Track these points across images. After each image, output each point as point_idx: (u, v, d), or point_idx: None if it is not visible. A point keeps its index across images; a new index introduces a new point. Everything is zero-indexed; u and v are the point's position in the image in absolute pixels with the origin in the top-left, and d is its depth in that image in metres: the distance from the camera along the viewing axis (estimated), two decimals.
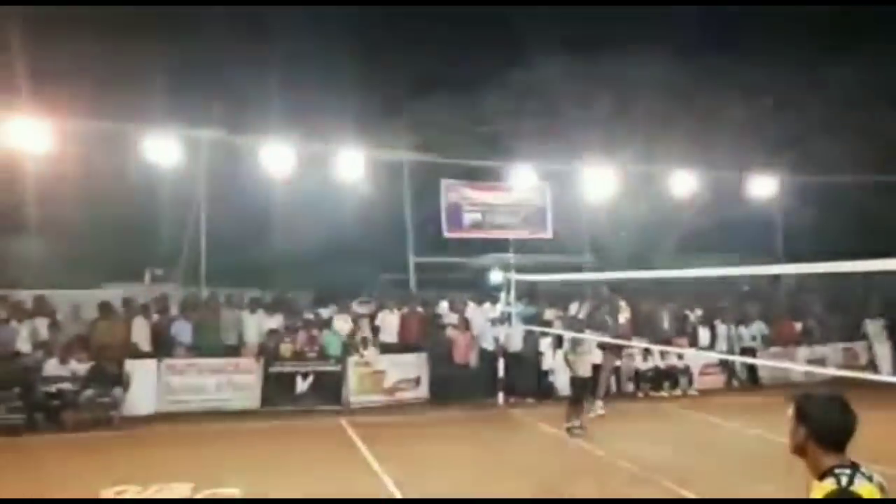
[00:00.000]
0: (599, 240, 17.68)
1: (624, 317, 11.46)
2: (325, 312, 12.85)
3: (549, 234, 15.50)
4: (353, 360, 11.77)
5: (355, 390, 11.68)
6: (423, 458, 8.16)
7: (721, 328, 13.75)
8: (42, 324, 10.76)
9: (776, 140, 17.16)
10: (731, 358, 13.03)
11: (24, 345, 10.36)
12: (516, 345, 12.26)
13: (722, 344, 13.56)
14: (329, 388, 11.46)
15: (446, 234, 14.97)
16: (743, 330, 13.85)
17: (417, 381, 12.12)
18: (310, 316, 12.61)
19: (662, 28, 17.21)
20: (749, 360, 12.76)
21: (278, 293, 13.68)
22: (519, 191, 15.28)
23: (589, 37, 17.62)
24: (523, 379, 12.20)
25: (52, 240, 15.29)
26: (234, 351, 11.65)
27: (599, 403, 10.57)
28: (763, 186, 16.15)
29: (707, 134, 16.39)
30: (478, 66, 18.51)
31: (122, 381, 10.20)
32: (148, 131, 12.47)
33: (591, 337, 9.66)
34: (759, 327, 13.91)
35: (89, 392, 9.92)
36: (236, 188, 14.40)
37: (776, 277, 15.99)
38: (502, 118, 17.48)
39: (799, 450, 2.29)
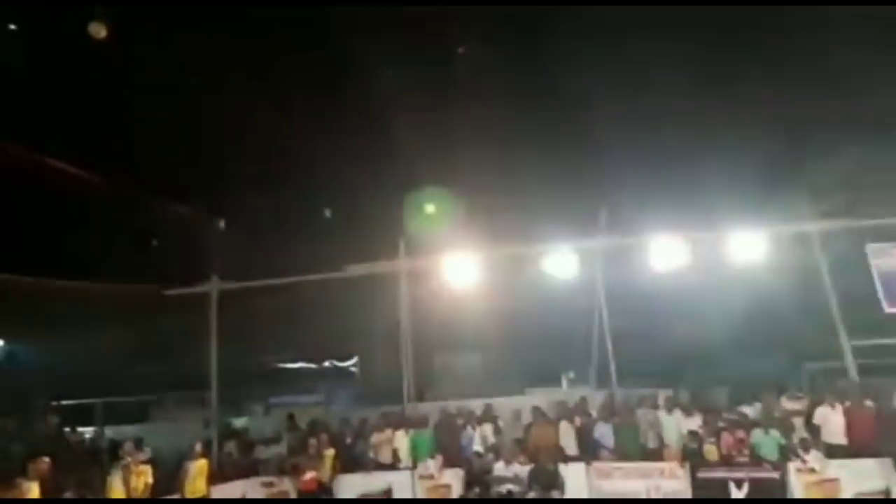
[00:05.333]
0: None
1: None
2: (748, 411, 11.79)
3: None
4: (793, 465, 10.35)
5: None
6: None
7: None
8: (488, 429, 12.48)
9: None
10: None
11: (477, 448, 12.11)
12: None
13: None
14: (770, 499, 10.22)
15: (888, 310, 12.43)
16: None
17: (887, 494, 9.90)
18: (732, 415, 11.71)
19: None
20: None
21: (693, 391, 13.15)
22: None
23: None
24: None
25: (485, 354, 17.96)
26: (656, 454, 11.48)
27: None
28: None
29: None
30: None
31: (558, 483, 10.95)
32: (548, 249, 14.04)
33: None
34: None
35: (533, 493, 10.91)
36: (634, 287, 14.75)
37: None
38: None
39: None
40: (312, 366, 21.85)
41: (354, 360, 21.48)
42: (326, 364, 21.83)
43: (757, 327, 15.26)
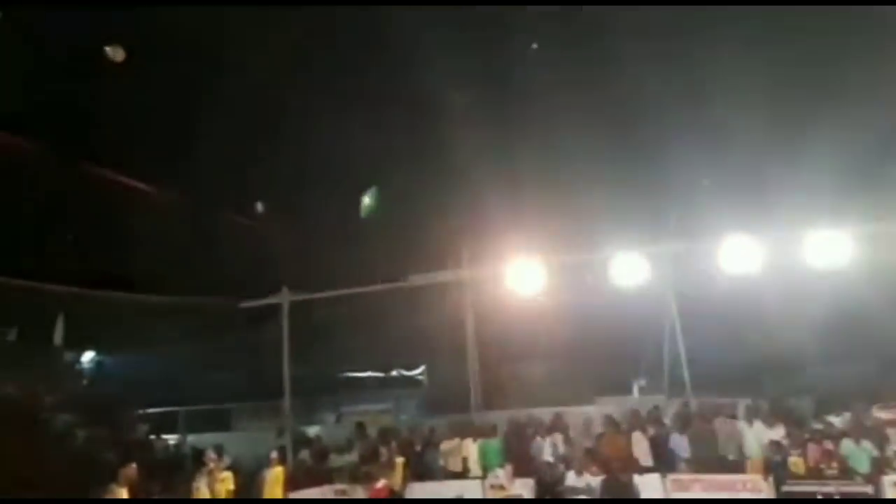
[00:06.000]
0: None
1: None
2: (836, 421, 11.16)
3: None
4: (889, 479, 9.70)
5: None
6: None
7: None
8: (558, 438, 12.31)
9: None
10: None
11: (548, 458, 11.96)
12: None
13: None
14: None
15: None
16: None
17: None
18: (818, 425, 11.12)
19: None
20: None
21: (774, 400, 12.56)
22: None
23: None
24: None
25: (552, 362, 17.75)
26: (737, 466, 11.02)
27: None
28: None
29: None
30: None
31: (632, 494, 10.66)
32: (616, 255, 13.75)
33: None
34: None
35: None
36: (707, 291, 14.25)
37: None
38: None
39: None
40: (380, 374, 22.21)
41: (421, 368, 21.69)
42: (394, 373, 22.13)
43: (843, 332, 14.43)
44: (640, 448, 11.76)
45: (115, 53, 13.45)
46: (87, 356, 19.78)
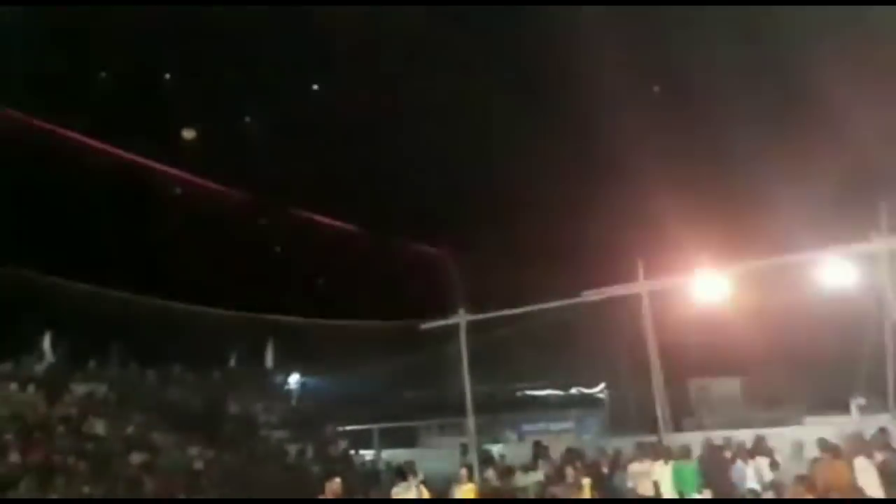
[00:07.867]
0: None
1: None
2: None
3: None
4: None
5: None
6: None
7: None
8: (763, 463, 11.16)
9: None
10: None
11: (752, 484, 10.89)
12: None
13: None
14: None
15: None
16: None
17: None
18: None
19: None
20: None
21: None
22: None
23: None
24: None
25: (747, 378, 16.27)
26: None
27: None
28: None
29: None
30: None
31: None
32: (818, 257, 12.33)
33: None
34: None
35: None
36: None
37: None
38: None
39: None
40: (560, 393, 21.92)
41: (601, 386, 21.03)
42: (574, 391, 21.71)
43: None
44: (867, 476, 10.22)
45: (188, 134, 15.07)
46: (294, 377, 21.98)
